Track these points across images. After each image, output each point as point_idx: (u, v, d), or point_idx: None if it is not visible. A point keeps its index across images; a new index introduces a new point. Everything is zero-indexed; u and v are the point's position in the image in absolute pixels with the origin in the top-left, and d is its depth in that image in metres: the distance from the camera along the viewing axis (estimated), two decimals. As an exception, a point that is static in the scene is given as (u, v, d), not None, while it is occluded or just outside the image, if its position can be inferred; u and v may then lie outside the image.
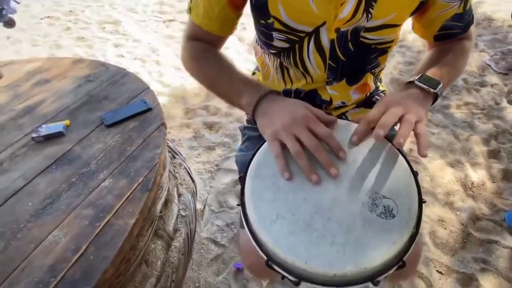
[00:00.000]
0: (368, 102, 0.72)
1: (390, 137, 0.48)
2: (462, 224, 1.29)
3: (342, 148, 0.46)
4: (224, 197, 1.42)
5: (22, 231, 0.63)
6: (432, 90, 0.51)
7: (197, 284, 1.11)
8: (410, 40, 2.51)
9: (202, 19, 0.60)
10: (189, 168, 1.24)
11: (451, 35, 0.61)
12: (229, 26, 0.63)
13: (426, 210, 1.33)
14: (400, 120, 0.46)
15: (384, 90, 0.78)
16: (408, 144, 1.64)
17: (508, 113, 1.82)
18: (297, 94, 0.68)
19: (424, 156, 0.43)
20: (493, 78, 2.08)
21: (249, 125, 0.78)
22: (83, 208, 0.66)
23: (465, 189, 1.43)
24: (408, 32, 2.44)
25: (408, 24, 0.65)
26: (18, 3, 0.46)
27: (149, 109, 0.92)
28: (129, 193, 0.68)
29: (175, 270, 0.93)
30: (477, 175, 1.48)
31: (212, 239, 1.24)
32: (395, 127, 0.49)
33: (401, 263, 0.38)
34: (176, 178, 1.14)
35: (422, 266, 1.14)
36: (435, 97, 0.52)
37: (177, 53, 2.55)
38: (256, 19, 0.59)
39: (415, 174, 0.46)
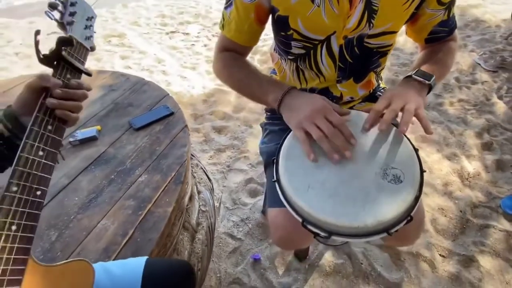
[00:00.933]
0: (372, 97, 0.83)
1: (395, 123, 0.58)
2: (461, 211, 1.37)
3: (353, 136, 0.56)
4: (237, 195, 1.50)
5: (73, 221, 0.71)
6: (427, 81, 0.61)
7: (218, 275, 1.18)
8: (402, 43, 2.64)
9: (234, 33, 0.70)
10: (205, 168, 1.32)
11: (439, 38, 0.72)
12: (255, 38, 0.73)
13: (426, 200, 1.42)
14: (402, 109, 0.56)
15: (385, 87, 0.88)
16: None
17: (498, 108, 1.93)
18: (312, 92, 0.77)
19: (430, 133, 0.54)
20: (483, 76, 2.20)
21: (269, 121, 0.88)
22: (125, 199, 0.75)
23: (462, 179, 1.53)
24: (399, 35, 2.57)
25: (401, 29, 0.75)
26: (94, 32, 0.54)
27: (172, 113, 1.02)
28: (164, 186, 0.77)
29: (200, 260, 1.01)
30: (473, 166, 1.58)
31: (229, 234, 1.32)
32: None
33: (409, 217, 0.47)
34: (195, 177, 1.22)
35: (425, 250, 1.22)
36: (430, 88, 0.62)
37: (182, 62, 2.66)
38: (277, 31, 0.70)
39: (416, 150, 0.56)
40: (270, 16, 0.68)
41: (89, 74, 0.55)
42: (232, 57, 0.74)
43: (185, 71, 2.51)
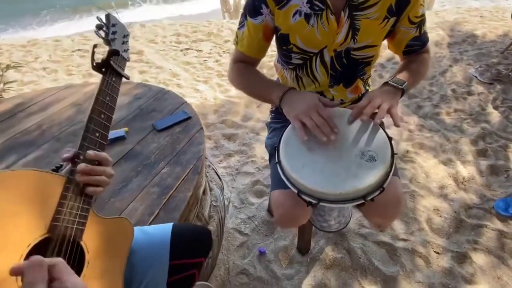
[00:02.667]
0: (360, 101, 0.95)
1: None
2: (455, 212, 1.44)
3: (337, 126, 0.70)
4: (244, 195, 1.61)
5: (107, 204, 0.84)
6: (400, 86, 0.74)
7: (227, 265, 1.28)
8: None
9: (246, 48, 0.85)
10: (216, 169, 1.45)
11: (414, 50, 0.85)
12: (263, 52, 0.88)
13: (422, 201, 1.50)
14: (378, 107, 0.68)
15: None
16: (405, 146, 1.83)
17: (494, 117, 2.01)
18: None
19: (398, 126, 0.66)
20: (479, 88, 2.29)
21: (273, 120, 1.02)
22: (150, 187, 0.87)
23: (457, 183, 1.60)
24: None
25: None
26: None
27: (189, 117, 1.15)
28: (184, 176, 0.89)
29: (211, 249, 1.12)
30: (467, 171, 1.65)
31: (237, 229, 1.42)
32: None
33: (382, 188, 0.58)
34: (207, 176, 1.35)
35: (420, 247, 1.30)
36: (402, 91, 0.74)
37: (195, 76, 2.85)
38: (279, 46, 0.85)
39: (390, 138, 0.68)
40: (274, 35, 0.83)
41: (127, 78, 0.70)
42: (244, 67, 0.89)
43: (198, 84, 2.69)
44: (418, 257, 1.27)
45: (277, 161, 0.69)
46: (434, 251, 1.29)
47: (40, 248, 0.46)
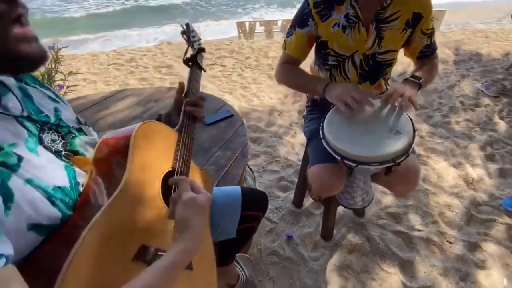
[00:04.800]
0: None
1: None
2: (466, 208, 1.55)
3: (371, 103, 0.88)
4: (271, 189, 1.75)
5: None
6: (417, 81, 0.92)
7: (259, 247, 1.41)
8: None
9: (293, 51, 1.05)
10: (248, 165, 1.61)
11: (426, 56, 1.03)
12: (305, 54, 1.07)
13: (435, 198, 1.61)
14: (402, 96, 0.85)
15: None
16: (417, 150, 1.96)
17: (500, 127, 2.13)
18: None
19: (417, 109, 0.84)
20: (485, 100, 2.42)
21: (310, 112, 1.19)
22: (208, 166, 1.04)
23: (467, 183, 1.71)
24: (408, 65, 2.87)
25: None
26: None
27: (232, 115, 1.34)
28: (234, 157, 1.06)
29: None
30: (477, 173, 1.76)
31: (266, 217, 1.56)
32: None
33: (407, 154, 0.75)
34: (242, 168, 1.51)
35: (434, 236, 1.40)
36: (419, 86, 0.92)
37: (221, 88, 3.07)
38: (319, 50, 1.05)
39: (411, 120, 0.84)
40: (315, 42, 1.04)
41: (204, 70, 0.89)
42: (290, 66, 1.08)
43: (224, 95, 2.90)
44: (432, 245, 1.38)
45: (322, 136, 0.86)
46: (447, 241, 1.40)
47: (166, 176, 0.61)
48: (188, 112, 0.75)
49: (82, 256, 0.40)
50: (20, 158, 0.41)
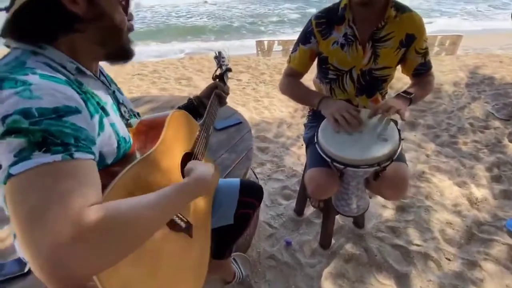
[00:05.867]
0: None
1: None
2: (467, 226, 1.53)
3: (362, 120, 0.94)
4: (274, 197, 1.80)
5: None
6: (408, 96, 0.97)
7: (258, 250, 1.45)
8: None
9: (296, 65, 1.14)
10: (253, 170, 1.68)
11: (421, 73, 1.09)
12: (307, 68, 1.16)
13: (436, 214, 1.60)
14: (390, 107, 0.91)
15: None
16: (422, 168, 1.96)
17: (509, 149, 2.09)
18: None
19: (404, 120, 0.89)
20: (495, 123, 2.39)
21: (310, 121, 1.27)
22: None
23: (470, 203, 1.69)
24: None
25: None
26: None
27: (241, 122, 1.43)
28: (239, 159, 1.14)
29: (250, 228, 1.32)
30: (481, 193, 1.74)
31: (267, 223, 1.61)
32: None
33: (391, 160, 0.80)
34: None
35: (433, 252, 1.39)
36: (410, 101, 0.98)
37: (235, 100, 3.20)
38: (320, 65, 1.13)
39: (399, 129, 0.90)
40: (317, 57, 1.13)
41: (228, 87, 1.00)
42: (293, 79, 1.18)
43: (237, 107, 3.02)
44: (430, 260, 1.37)
45: (316, 141, 0.93)
46: (446, 258, 1.38)
47: (186, 158, 0.73)
48: (217, 94, 0.92)
49: (121, 181, 0.52)
50: (108, 111, 0.56)
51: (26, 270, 0.77)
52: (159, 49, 8.87)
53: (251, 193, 0.94)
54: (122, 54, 0.59)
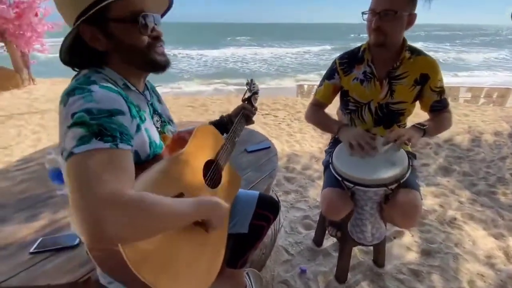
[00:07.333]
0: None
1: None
2: (502, 281, 1.37)
3: (375, 148, 1.01)
4: (295, 225, 1.83)
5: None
6: (421, 127, 1.04)
7: (272, 273, 1.46)
8: (460, 140, 2.82)
9: (321, 97, 1.28)
10: (276, 193, 1.76)
11: (437, 110, 1.14)
12: (331, 100, 1.28)
13: (466, 264, 1.47)
14: (402, 135, 0.98)
15: None
16: (453, 214, 1.84)
17: (559, 206, 1.86)
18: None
19: (407, 144, 0.96)
20: (543, 177, 2.16)
21: (330, 147, 1.35)
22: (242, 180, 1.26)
23: (507, 257, 1.51)
24: (457, 134, 2.79)
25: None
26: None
27: (269, 147, 1.57)
28: (263, 176, 1.26)
29: (266, 247, 1.37)
30: (522, 249, 1.55)
31: (284, 248, 1.62)
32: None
33: (399, 183, 0.87)
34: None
35: (458, 303, 1.27)
36: (424, 132, 1.04)
37: (269, 133, 3.39)
38: (342, 97, 1.25)
39: (409, 157, 0.96)
40: (340, 90, 1.26)
41: (256, 108, 1.14)
42: (317, 109, 1.31)
43: (271, 139, 3.20)
44: (455, 311, 1.24)
45: (330, 162, 1.03)
46: (474, 312, 1.25)
47: (209, 164, 0.83)
48: (245, 114, 1.05)
49: (150, 173, 0.62)
50: (145, 118, 0.68)
51: (76, 242, 0.90)
52: (207, 88, 9.82)
53: (267, 207, 1.00)
54: (154, 65, 0.68)
